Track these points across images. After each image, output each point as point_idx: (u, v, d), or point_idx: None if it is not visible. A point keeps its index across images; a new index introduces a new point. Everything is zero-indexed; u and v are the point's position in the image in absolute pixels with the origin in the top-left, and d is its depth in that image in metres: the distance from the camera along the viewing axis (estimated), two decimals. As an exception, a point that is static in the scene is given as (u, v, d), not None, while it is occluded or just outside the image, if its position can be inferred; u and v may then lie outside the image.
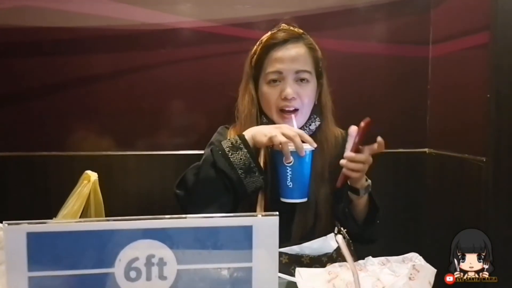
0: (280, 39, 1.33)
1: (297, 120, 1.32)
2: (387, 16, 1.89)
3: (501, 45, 1.49)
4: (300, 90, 1.31)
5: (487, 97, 1.51)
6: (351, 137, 1.20)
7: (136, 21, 1.74)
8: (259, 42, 1.39)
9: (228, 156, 1.20)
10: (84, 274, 0.60)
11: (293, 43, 1.33)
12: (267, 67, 1.33)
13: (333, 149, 1.36)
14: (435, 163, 1.87)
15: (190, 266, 0.61)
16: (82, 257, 0.60)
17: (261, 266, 0.63)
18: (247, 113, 1.36)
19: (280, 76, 1.32)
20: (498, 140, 1.49)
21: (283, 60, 1.31)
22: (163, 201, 1.76)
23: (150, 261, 0.60)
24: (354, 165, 1.18)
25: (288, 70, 1.31)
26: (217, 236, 0.62)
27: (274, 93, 1.32)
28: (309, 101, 1.34)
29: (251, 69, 1.39)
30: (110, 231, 0.59)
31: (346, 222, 1.32)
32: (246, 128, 1.32)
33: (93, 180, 1.32)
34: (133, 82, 1.76)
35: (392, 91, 1.92)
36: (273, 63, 1.32)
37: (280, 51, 1.32)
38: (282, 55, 1.31)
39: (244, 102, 1.37)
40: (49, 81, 1.74)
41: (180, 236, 0.61)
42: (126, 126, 1.78)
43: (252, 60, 1.38)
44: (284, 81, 1.31)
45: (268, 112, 1.36)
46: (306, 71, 1.33)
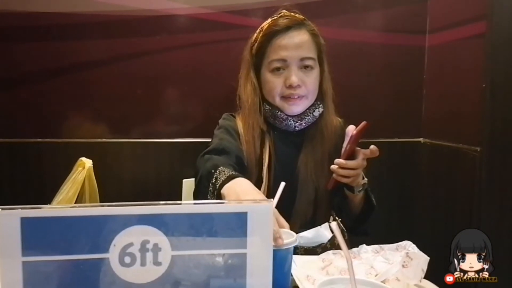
0: (282, 26, 1.30)
1: (303, 106, 1.30)
2: (383, 4, 1.88)
3: (497, 35, 1.49)
4: (305, 77, 1.29)
5: (483, 87, 1.51)
6: (348, 137, 1.19)
7: (132, 7, 1.72)
8: (260, 29, 1.36)
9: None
10: (79, 259, 0.59)
11: (296, 30, 1.30)
12: (270, 54, 1.30)
13: (333, 137, 1.35)
14: (430, 153, 1.88)
15: (185, 252, 0.61)
16: (77, 243, 0.59)
17: (256, 252, 0.63)
18: (250, 103, 1.33)
19: (284, 64, 1.29)
20: (493, 130, 1.50)
21: (287, 47, 1.28)
22: (157, 188, 1.77)
23: (145, 246, 0.60)
24: (344, 172, 1.16)
25: (292, 57, 1.28)
26: (211, 222, 0.62)
27: (278, 81, 1.30)
28: (314, 87, 1.32)
29: (252, 57, 1.36)
30: (105, 216, 0.59)
31: (340, 215, 1.33)
32: (250, 118, 1.31)
33: (87, 167, 1.32)
34: (128, 68, 1.75)
35: (387, 80, 1.92)
36: (277, 50, 1.29)
37: (283, 38, 1.29)
38: (286, 43, 1.28)
39: (247, 91, 1.35)
40: (43, 66, 1.72)
41: (175, 222, 0.61)
42: (121, 113, 1.78)
43: (253, 48, 1.36)
44: (288, 68, 1.29)
45: (271, 100, 1.33)
46: (310, 58, 1.30)
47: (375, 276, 0.94)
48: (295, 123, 1.32)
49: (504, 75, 1.48)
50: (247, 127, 1.33)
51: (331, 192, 1.31)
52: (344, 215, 1.32)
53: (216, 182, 1.06)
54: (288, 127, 1.32)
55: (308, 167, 1.31)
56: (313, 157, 1.32)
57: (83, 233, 0.59)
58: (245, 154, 1.30)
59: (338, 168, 1.17)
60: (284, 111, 1.31)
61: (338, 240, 0.75)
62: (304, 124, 1.33)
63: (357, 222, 1.32)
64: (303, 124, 1.33)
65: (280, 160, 1.31)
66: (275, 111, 1.32)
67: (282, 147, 1.33)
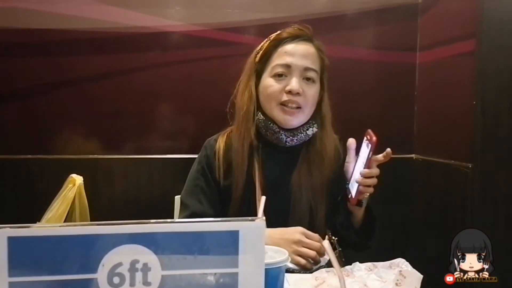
0: (291, 34, 1.30)
1: (298, 119, 1.27)
2: (375, 22, 1.91)
3: (487, 53, 1.50)
4: (306, 88, 1.26)
5: (473, 104, 1.52)
6: (351, 150, 1.17)
7: (126, 24, 1.73)
8: (267, 39, 1.34)
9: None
10: (66, 280, 0.58)
11: (304, 41, 1.30)
12: (275, 59, 1.28)
13: (332, 161, 1.32)
14: (422, 169, 1.88)
15: (175, 271, 0.60)
16: (65, 262, 0.58)
17: (247, 271, 0.62)
18: (245, 111, 1.30)
19: (287, 70, 1.26)
20: (484, 146, 1.50)
21: (293, 54, 1.27)
22: (150, 205, 1.75)
23: (134, 266, 0.59)
24: (371, 181, 1.14)
25: (296, 65, 1.26)
26: (203, 241, 0.61)
27: (278, 86, 1.26)
28: (313, 101, 1.29)
29: (254, 65, 1.33)
30: (93, 236, 0.58)
31: (345, 233, 1.27)
32: (242, 126, 1.28)
33: (78, 183, 1.31)
34: (121, 84, 1.75)
35: (379, 96, 1.93)
36: (283, 56, 1.27)
37: (290, 44, 1.28)
38: (292, 49, 1.27)
39: (244, 99, 1.31)
40: (34, 82, 1.72)
41: (165, 241, 0.60)
42: (113, 129, 1.77)
43: (257, 56, 1.33)
44: (290, 75, 1.26)
45: (268, 106, 1.29)
46: (314, 70, 1.28)
47: (369, 294, 0.93)
48: (286, 137, 1.28)
49: (494, 92, 1.49)
50: (238, 135, 1.30)
51: (333, 212, 1.28)
52: (350, 232, 1.27)
53: None
54: (279, 141, 1.29)
55: (303, 189, 1.27)
56: (310, 180, 1.28)
57: (71, 252, 0.58)
58: (233, 164, 1.28)
59: (363, 179, 1.13)
60: (279, 123, 1.28)
61: (330, 258, 0.74)
62: (296, 141, 1.29)
63: (364, 234, 1.28)
64: (294, 141, 1.29)
65: (268, 177, 1.28)
66: (268, 122, 1.28)
67: (271, 164, 1.30)
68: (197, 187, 1.30)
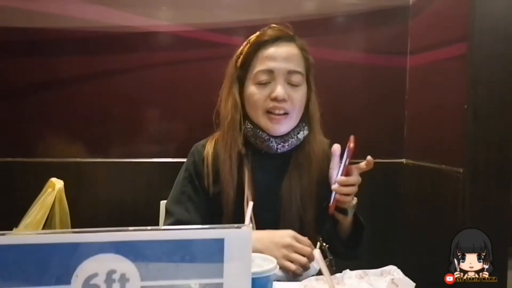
0: (271, 36, 1.22)
1: (286, 126, 1.22)
2: (365, 25, 1.89)
3: (478, 57, 1.49)
4: (292, 93, 1.21)
5: (465, 108, 1.51)
6: (335, 156, 1.14)
7: (111, 23, 1.69)
8: (247, 42, 1.27)
9: None
10: (38, 292, 0.54)
11: (286, 42, 1.23)
12: (257, 65, 1.22)
13: (321, 163, 1.27)
14: (412, 174, 1.86)
15: (155, 282, 0.56)
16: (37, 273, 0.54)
17: (233, 282, 0.59)
18: (230, 119, 1.24)
19: (270, 76, 1.20)
20: (475, 151, 1.49)
21: (275, 58, 1.20)
22: (135, 210, 1.71)
23: (111, 277, 0.55)
24: (348, 189, 1.09)
25: (280, 69, 1.20)
26: (185, 250, 0.57)
27: (263, 94, 1.20)
28: (300, 105, 1.23)
29: (236, 70, 1.27)
30: (67, 244, 0.54)
31: (331, 241, 1.21)
32: (228, 136, 1.23)
33: (58, 188, 1.26)
34: (105, 86, 1.71)
35: (369, 100, 1.91)
36: (264, 61, 1.21)
37: (271, 48, 1.21)
38: (273, 53, 1.20)
39: (228, 107, 1.25)
40: (15, 83, 1.67)
41: (145, 249, 0.56)
42: (97, 132, 1.72)
43: (238, 61, 1.27)
44: (274, 81, 1.20)
45: (254, 114, 1.24)
46: (298, 72, 1.22)
47: (360, 303, 0.90)
48: (277, 145, 1.23)
49: (485, 96, 1.48)
50: (224, 145, 1.24)
51: (321, 219, 1.24)
52: (335, 241, 1.22)
53: None
54: (270, 148, 1.24)
55: (293, 194, 1.23)
56: (299, 184, 1.24)
57: (43, 262, 0.54)
58: (221, 176, 1.23)
59: (339, 187, 1.09)
60: (267, 130, 1.23)
61: (321, 267, 0.71)
62: (287, 147, 1.24)
63: (349, 246, 1.23)
64: (286, 147, 1.24)
65: (259, 186, 1.23)
66: (257, 131, 1.23)
67: (261, 172, 1.25)
68: (183, 194, 1.24)
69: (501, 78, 1.49)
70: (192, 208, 1.22)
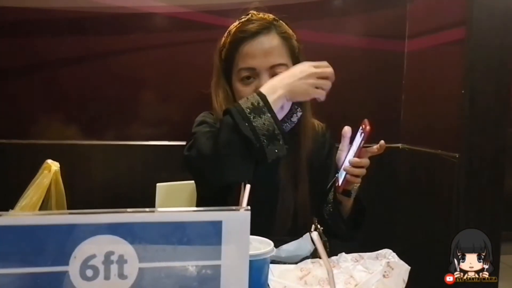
0: (250, 31, 1.21)
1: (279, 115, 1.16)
2: (363, 9, 1.87)
3: (476, 42, 1.49)
4: None
5: (462, 93, 1.51)
6: (345, 138, 1.15)
7: (106, 4, 1.66)
8: (227, 33, 1.27)
9: (251, 119, 1.06)
10: (36, 273, 0.54)
11: (265, 35, 1.21)
12: (239, 62, 1.22)
13: (311, 143, 1.28)
14: (408, 159, 1.87)
15: (153, 264, 0.56)
16: (34, 254, 0.54)
17: (231, 264, 0.59)
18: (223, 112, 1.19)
19: (253, 73, 1.20)
20: (472, 136, 1.50)
21: (255, 55, 1.19)
22: (130, 193, 1.70)
23: (109, 258, 0.55)
24: (359, 171, 1.11)
25: (261, 66, 1.19)
26: (183, 232, 0.57)
27: (249, 91, 1.19)
28: None
29: (221, 63, 1.27)
30: (65, 225, 0.54)
31: (333, 222, 1.25)
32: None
33: (54, 170, 1.24)
34: (100, 68, 1.69)
35: (366, 85, 1.90)
36: (245, 58, 1.20)
37: (251, 45, 1.20)
38: (253, 50, 1.19)
39: (219, 99, 1.25)
40: (9, 64, 1.65)
41: (143, 231, 0.56)
42: (93, 114, 1.71)
43: (222, 53, 1.27)
44: (258, 77, 1.20)
45: None
46: (281, 64, 1.21)
47: (355, 286, 0.91)
48: None
49: (482, 81, 1.48)
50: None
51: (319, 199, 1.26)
52: (338, 222, 1.24)
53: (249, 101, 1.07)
54: None
55: (288, 174, 1.25)
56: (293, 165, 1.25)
57: (40, 244, 0.54)
58: None
59: (352, 168, 1.11)
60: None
61: (319, 250, 0.71)
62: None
63: (352, 227, 1.26)
64: None
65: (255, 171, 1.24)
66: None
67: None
68: (204, 123, 1.23)
69: (499, 63, 1.49)
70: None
